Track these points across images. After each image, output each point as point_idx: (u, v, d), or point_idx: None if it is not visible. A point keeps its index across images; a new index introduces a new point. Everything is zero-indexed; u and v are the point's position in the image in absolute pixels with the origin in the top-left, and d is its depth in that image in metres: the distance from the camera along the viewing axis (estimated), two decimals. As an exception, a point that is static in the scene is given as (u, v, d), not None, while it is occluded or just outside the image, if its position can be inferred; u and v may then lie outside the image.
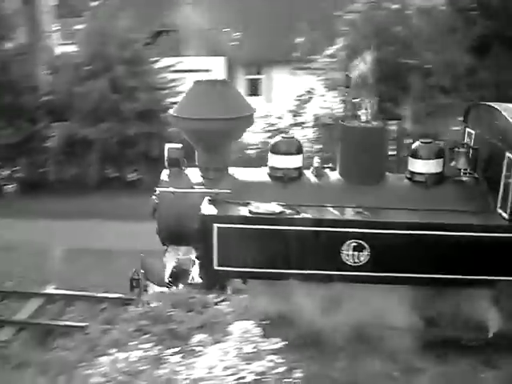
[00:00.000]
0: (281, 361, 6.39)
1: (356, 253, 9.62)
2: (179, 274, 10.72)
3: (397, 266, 9.68)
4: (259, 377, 6.08)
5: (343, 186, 10.42)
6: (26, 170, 21.18)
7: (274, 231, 9.68)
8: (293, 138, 10.77)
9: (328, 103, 18.16)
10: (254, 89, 27.86)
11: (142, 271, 10.50)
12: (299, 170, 10.56)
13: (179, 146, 10.94)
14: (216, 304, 8.09)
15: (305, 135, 16.92)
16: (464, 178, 10.46)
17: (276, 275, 9.79)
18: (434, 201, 9.97)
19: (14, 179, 21.56)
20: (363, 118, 10.24)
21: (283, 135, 10.88)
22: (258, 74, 28.07)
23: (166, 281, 10.49)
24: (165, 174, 10.87)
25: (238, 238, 9.75)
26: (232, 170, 10.90)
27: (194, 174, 10.84)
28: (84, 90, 19.55)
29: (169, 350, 6.62)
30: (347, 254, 9.64)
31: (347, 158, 10.50)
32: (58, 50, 23.54)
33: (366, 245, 9.59)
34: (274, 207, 9.83)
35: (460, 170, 10.56)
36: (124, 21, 20.77)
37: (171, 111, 10.67)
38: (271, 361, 6.32)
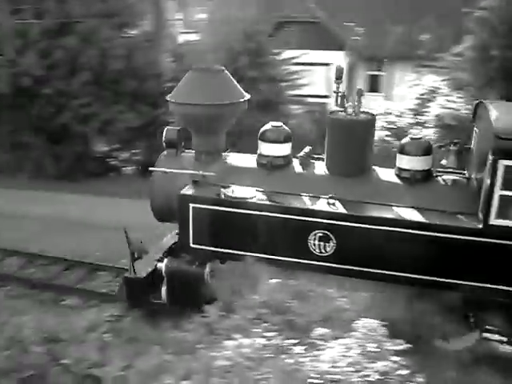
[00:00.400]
0: (404, 363, 6.25)
1: (322, 243, 9.51)
2: (176, 251, 11.06)
3: (361, 260, 9.44)
4: (383, 377, 5.98)
5: (325, 176, 10.28)
6: (145, 153, 21.76)
7: (241, 215, 9.84)
8: (281, 126, 10.69)
9: (452, 103, 17.54)
10: (374, 85, 27.19)
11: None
12: (287, 158, 10.59)
13: (177, 128, 11.36)
14: (336, 299, 8.05)
15: (426, 135, 16.41)
16: (453, 177, 9.89)
17: (244, 258, 9.88)
18: (416, 198, 9.56)
19: (133, 161, 22.35)
20: (350, 110, 10.01)
21: (272, 123, 10.77)
22: (379, 70, 27.41)
23: (158, 256, 11.03)
24: (162, 155, 11.38)
25: (210, 218, 10.09)
26: (225, 155, 11.22)
27: (188, 157, 11.24)
28: (206, 78, 19.88)
29: (290, 341, 6.62)
30: (314, 243, 9.55)
31: (332, 150, 10.30)
32: (181, 38, 24.17)
33: (332, 236, 9.44)
34: (247, 192, 9.97)
35: (450, 168, 10.12)
36: (247, 12, 20.99)
37: (168, 96, 10.90)
38: (395, 362, 6.20)
